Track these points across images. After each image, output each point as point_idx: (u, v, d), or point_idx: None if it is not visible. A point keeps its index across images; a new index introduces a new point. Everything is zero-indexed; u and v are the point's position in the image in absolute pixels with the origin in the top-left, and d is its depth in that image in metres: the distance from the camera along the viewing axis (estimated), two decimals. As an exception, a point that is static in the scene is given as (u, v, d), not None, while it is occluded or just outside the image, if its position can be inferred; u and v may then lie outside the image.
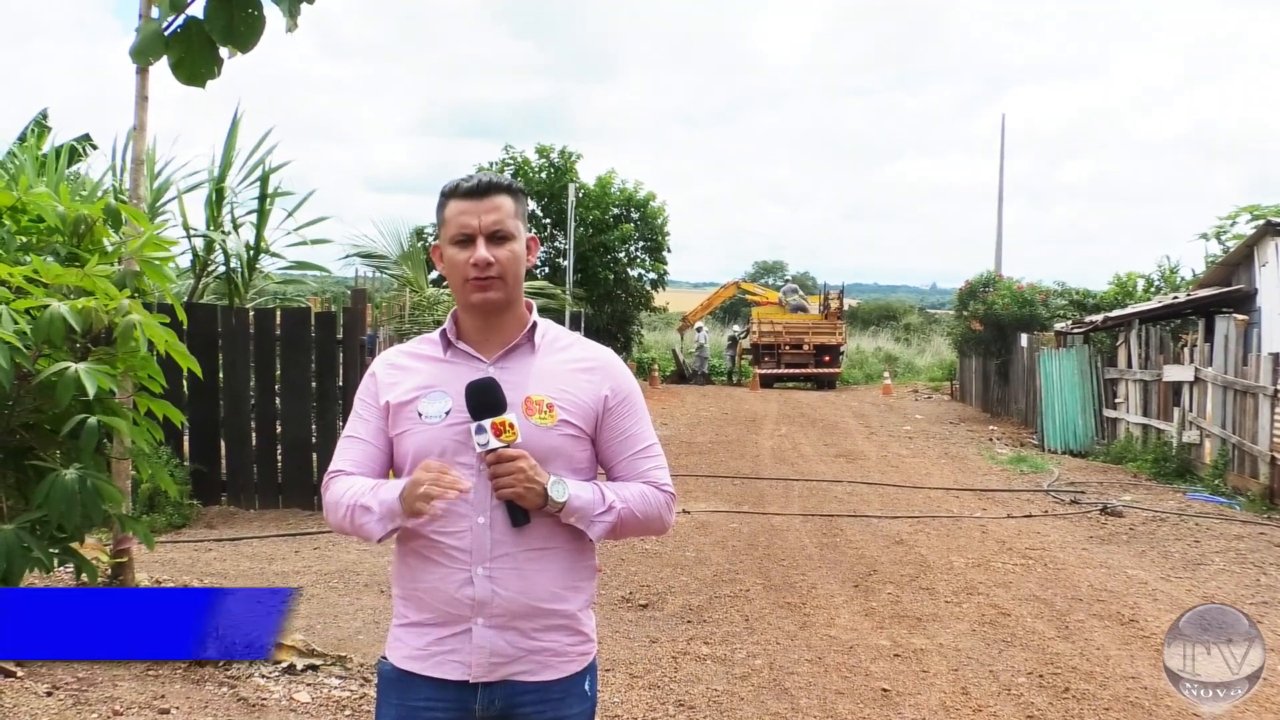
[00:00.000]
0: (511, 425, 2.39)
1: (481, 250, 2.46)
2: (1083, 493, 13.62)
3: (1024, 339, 22.26)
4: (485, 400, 2.41)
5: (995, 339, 24.50)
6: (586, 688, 2.58)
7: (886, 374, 35.90)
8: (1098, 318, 19.54)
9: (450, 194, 2.52)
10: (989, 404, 25.66)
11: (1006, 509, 12.38)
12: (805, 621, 7.48)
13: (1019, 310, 23.61)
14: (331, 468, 2.58)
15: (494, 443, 2.38)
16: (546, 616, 2.48)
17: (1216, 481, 13.86)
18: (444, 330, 2.59)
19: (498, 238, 2.48)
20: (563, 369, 2.55)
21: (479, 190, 2.49)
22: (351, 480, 2.52)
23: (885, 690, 6.10)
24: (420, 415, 2.49)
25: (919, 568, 9.17)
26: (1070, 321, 21.04)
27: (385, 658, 2.57)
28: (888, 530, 10.82)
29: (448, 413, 2.47)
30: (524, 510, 2.42)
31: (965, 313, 26.39)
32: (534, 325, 2.57)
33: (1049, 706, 5.91)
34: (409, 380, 2.55)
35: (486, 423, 2.38)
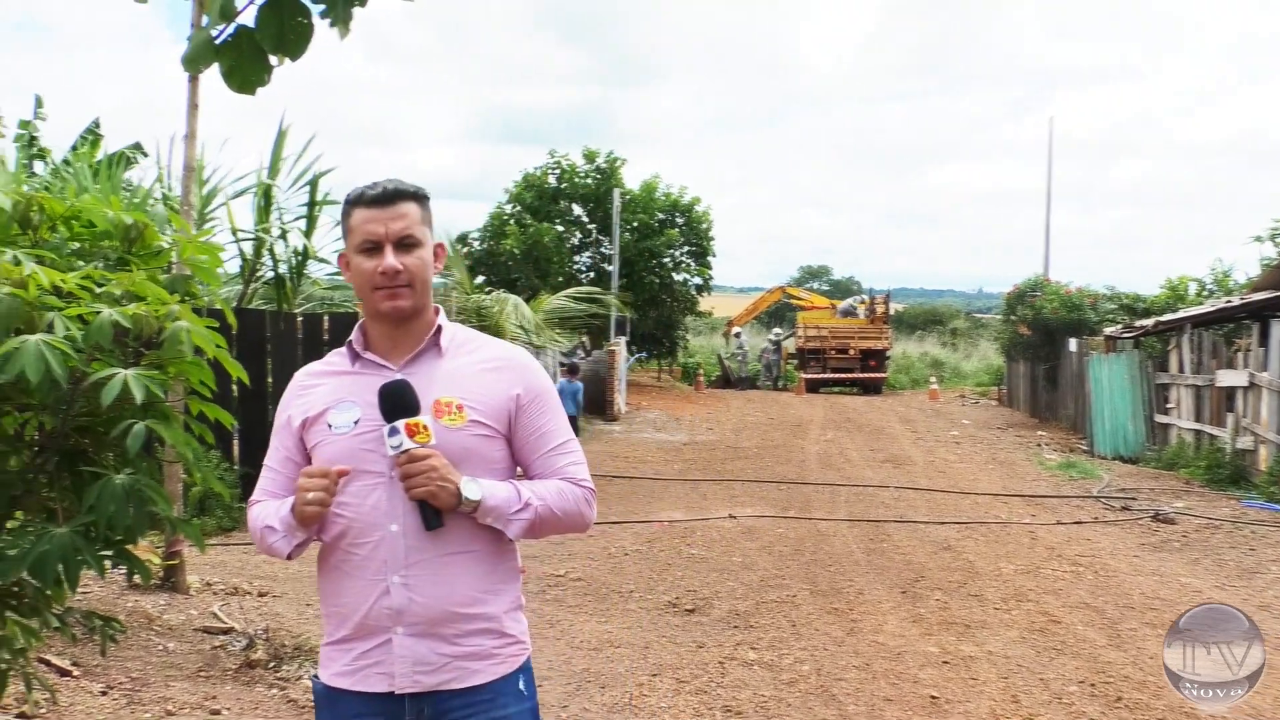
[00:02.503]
0: (425, 426, 2.35)
1: (390, 258, 2.42)
2: (1134, 499, 13.46)
3: (1073, 343, 22.04)
4: (398, 402, 2.37)
5: (1043, 343, 24.27)
6: (522, 687, 2.50)
7: (933, 379, 35.71)
8: (1149, 322, 19.31)
9: (355, 202, 2.48)
10: (1037, 409, 25.43)
11: (1056, 515, 12.26)
12: (852, 627, 7.43)
13: (1068, 314, 23.39)
14: (250, 499, 2.60)
15: (407, 444, 2.33)
16: (467, 621, 2.42)
17: (1273, 488, 13.64)
18: (350, 342, 2.56)
19: (405, 245, 2.45)
20: (471, 370, 2.52)
21: (385, 198, 2.45)
22: (261, 507, 2.53)
23: (934, 697, 6.05)
24: (330, 427, 2.47)
25: (967, 574, 9.10)
26: (1120, 326, 20.81)
27: (316, 676, 2.54)
28: (935, 536, 10.74)
29: (356, 422, 2.44)
30: (437, 513, 2.37)
31: (1013, 317, 26.17)
32: (439, 329, 2.54)
33: (1101, 716, 5.83)
34: (318, 396, 2.53)
35: (400, 424, 2.34)
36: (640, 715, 5.72)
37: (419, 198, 2.51)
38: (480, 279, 25.13)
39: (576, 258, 30.51)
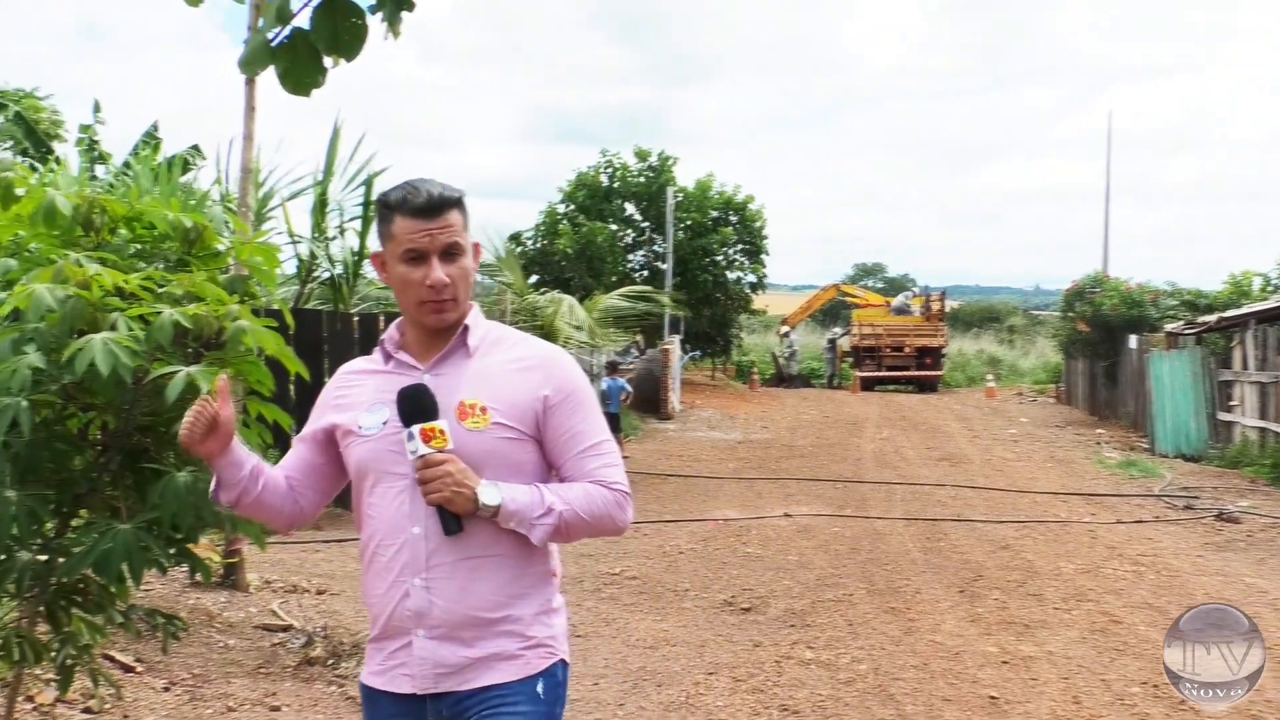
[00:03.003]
0: (441, 431, 2.33)
1: (438, 272, 2.39)
2: (1196, 498, 13.26)
3: (1133, 340, 21.75)
4: (415, 406, 2.36)
5: (1103, 340, 23.97)
6: (539, 690, 2.44)
7: (989, 376, 35.39)
8: (1211, 318, 19.02)
9: (398, 208, 2.42)
10: (1096, 407, 25.12)
11: (1116, 514, 12.10)
12: (910, 627, 7.38)
13: (1127, 311, 23.09)
14: None
15: (423, 449, 2.32)
16: (489, 625, 2.39)
17: (1339, 486, 13.40)
18: (383, 341, 2.55)
19: (450, 255, 2.42)
20: (500, 370, 2.47)
21: (431, 208, 2.39)
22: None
23: (993, 698, 5.99)
24: (360, 428, 2.46)
25: (1026, 573, 9.00)
26: (1182, 322, 20.51)
27: (361, 675, 2.56)
28: (993, 535, 10.64)
29: (384, 423, 2.42)
30: (456, 518, 2.34)
31: (1071, 314, 25.87)
32: (465, 329, 2.49)
33: (1165, 718, 5.74)
34: (354, 395, 2.52)
35: (415, 429, 2.33)
36: (697, 714, 5.71)
37: (461, 203, 2.46)
38: (533, 279, 25.19)
39: (630, 257, 30.50)
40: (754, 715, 5.71)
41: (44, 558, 3.39)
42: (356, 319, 11.42)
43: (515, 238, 27.48)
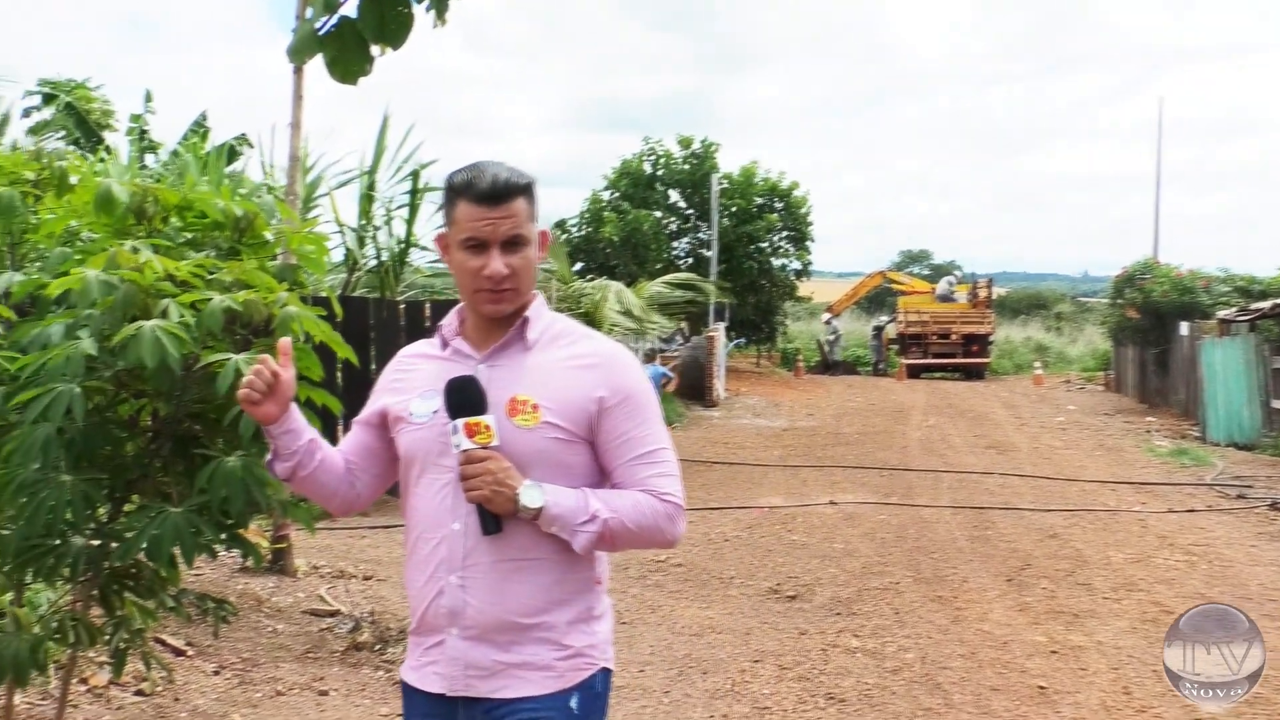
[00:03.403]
0: (487, 426, 2.26)
1: (497, 263, 2.31)
2: (1250, 487, 13.07)
3: (1184, 327, 21.47)
4: (462, 399, 2.29)
5: (1153, 327, 23.68)
6: (574, 705, 2.34)
7: (1037, 364, 35.09)
8: (1266, 304, 18.72)
9: (462, 193, 2.33)
10: (1146, 394, 24.83)
11: (1167, 503, 11.96)
12: (957, 615, 7.33)
13: (1179, 298, 22.78)
14: None
15: (466, 444, 2.25)
16: (524, 631, 2.31)
17: (1395, 476, 13.18)
18: (441, 327, 2.49)
19: (512, 244, 2.33)
20: (558, 366, 2.37)
21: (495, 195, 2.30)
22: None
23: (1042, 688, 5.94)
24: (410, 415, 2.40)
25: (1075, 562, 8.92)
26: (1235, 309, 20.22)
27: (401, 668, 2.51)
28: (1041, 523, 10.55)
29: (435, 412, 2.35)
30: (495, 517, 2.26)
31: (1121, 301, 25.55)
32: (525, 321, 2.41)
33: (1220, 710, 5.67)
34: (410, 379, 2.47)
35: (460, 422, 2.26)
36: (743, 701, 5.71)
37: (528, 190, 2.36)
38: (578, 266, 25.23)
39: (674, 244, 30.46)
40: (800, 703, 5.70)
41: (97, 542, 3.43)
42: (403, 307, 11.48)
43: (560, 225, 27.53)
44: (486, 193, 2.30)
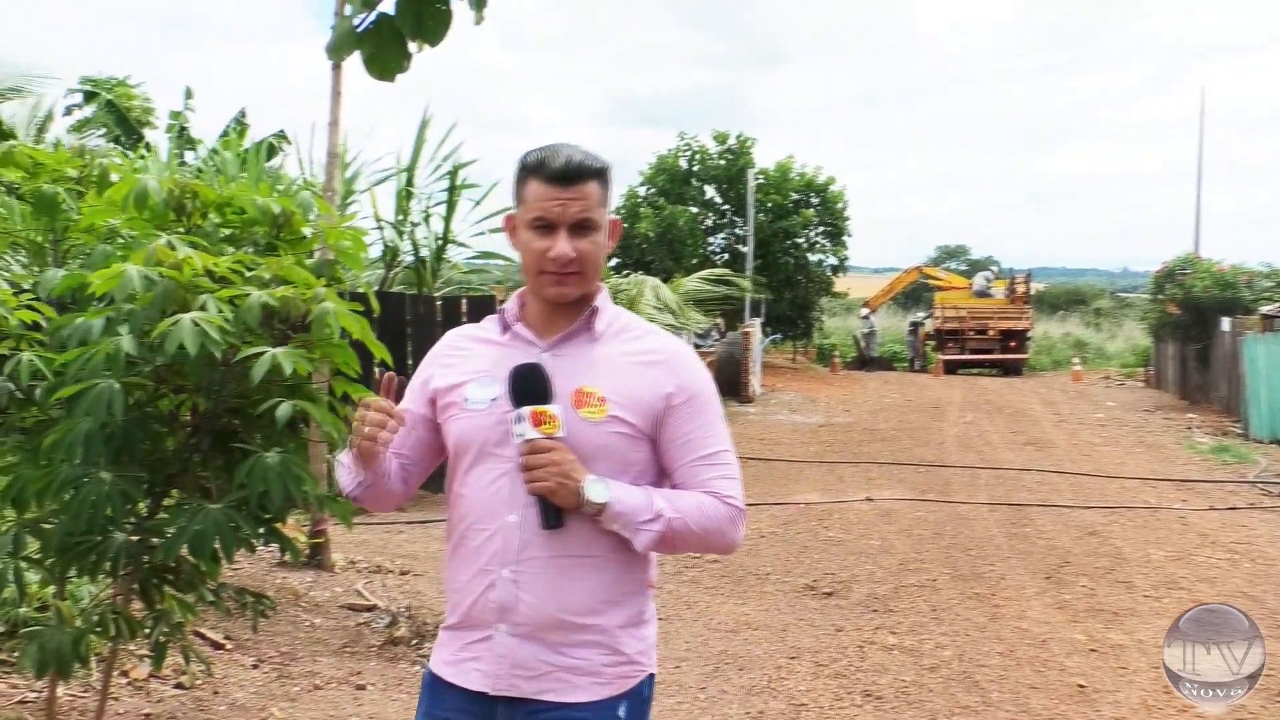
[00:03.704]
0: (553, 416, 2.19)
1: (563, 245, 2.23)
2: (1292, 484, 12.93)
3: (1226, 323, 21.23)
4: (527, 387, 2.21)
5: (1194, 323, 23.42)
6: (622, 714, 2.29)
7: (1076, 360, 34.79)
8: (1308, 300, 18.50)
9: (535, 171, 2.26)
10: (1187, 391, 24.58)
11: (1209, 500, 11.83)
12: (995, 613, 7.29)
13: (1220, 293, 22.53)
14: None
15: (531, 433, 2.17)
16: (577, 631, 2.23)
17: None
18: (503, 311, 2.39)
19: (581, 228, 2.25)
20: (624, 361, 2.31)
21: (567, 176, 2.23)
22: None
23: (1081, 686, 5.90)
24: (465, 400, 2.30)
25: (1114, 560, 8.85)
26: (1278, 304, 19.98)
27: (429, 661, 2.42)
28: (1080, 521, 10.46)
29: (494, 399, 2.27)
30: (557, 512, 2.19)
31: (1161, 296, 25.30)
32: (593, 311, 2.34)
33: (1262, 710, 5.61)
34: (464, 364, 2.37)
35: (525, 411, 2.18)
36: (779, 698, 5.69)
37: (602, 174, 2.29)
38: (614, 261, 25.22)
39: (710, 240, 30.41)
40: (836, 700, 5.68)
41: (137, 537, 3.46)
42: (439, 303, 11.52)
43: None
44: (559, 173, 2.23)
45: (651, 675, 2.40)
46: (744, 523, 2.35)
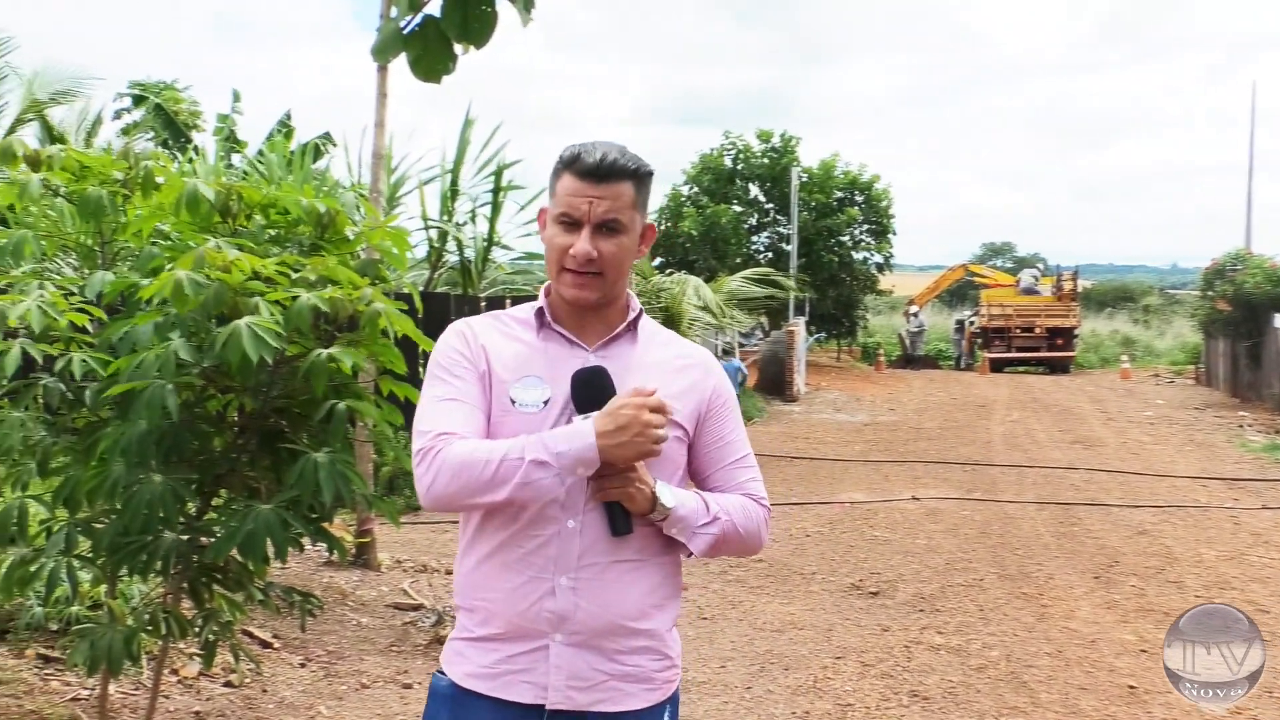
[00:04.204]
0: None
1: (584, 242, 2.16)
2: (1347, 483, 12.73)
3: (1278, 319, 20.95)
4: (595, 392, 2.13)
5: (1245, 320, 23.12)
6: (667, 718, 2.28)
7: (1124, 357, 34.43)
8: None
9: (569, 164, 2.19)
10: (1238, 388, 24.27)
11: (1261, 499, 11.67)
12: (1043, 613, 7.22)
13: (1272, 289, 22.21)
14: (436, 429, 2.15)
15: None
16: (632, 636, 2.19)
17: None
18: (539, 309, 2.29)
19: (607, 228, 2.18)
20: (666, 365, 2.28)
21: (599, 172, 2.16)
22: (484, 442, 2.14)
23: (1132, 687, 5.83)
24: (514, 403, 2.19)
25: (1165, 559, 8.74)
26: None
27: (443, 673, 2.27)
28: (1129, 520, 10.35)
29: (546, 402, 2.18)
30: (627, 517, 2.14)
31: (1211, 293, 25.00)
32: (640, 314, 2.31)
33: (1315, 710, 5.53)
34: (508, 356, 2.25)
35: (595, 416, 2.10)
36: (825, 698, 5.67)
37: (639, 176, 2.22)
38: (657, 261, 25.23)
39: (754, 238, 30.37)
40: (883, 701, 5.64)
41: (187, 537, 3.49)
42: (484, 303, 11.57)
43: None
44: (591, 169, 2.17)
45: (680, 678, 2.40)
46: (769, 524, 2.38)
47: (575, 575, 2.16)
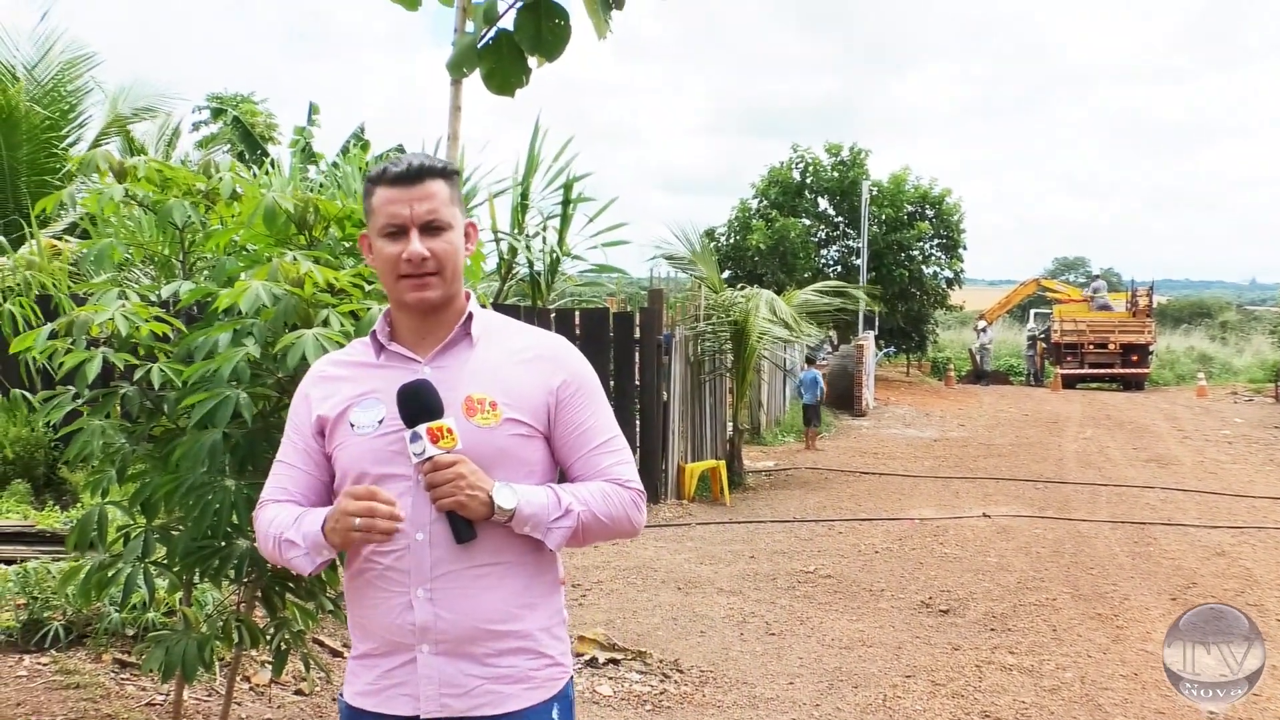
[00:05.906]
0: (450, 430, 2.14)
1: (415, 244, 2.20)
2: None
3: (1361, 337, 20.48)
4: (419, 405, 2.15)
5: (1327, 337, 22.66)
6: (555, 716, 2.27)
7: (1201, 375, 33.82)
8: None
9: (378, 180, 2.26)
10: (1319, 407, 23.77)
11: (1344, 521, 11.39)
12: (1118, 635, 7.09)
13: (1355, 306, 21.75)
14: (261, 497, 2.36)
15: (431, 450, 2.12)
16: (500, 639, 2.20)
17: None
18: (374, 332, 2.34)
19: (432, 229, 2.23)
20: (506, 361, 2.29)
21: (410, 176, 2.23)
22: (276, 510, 2.30)
23: (1212, 713, 5.70)
24: (352, 426, 2.24)
25: (1245, 582, 8.55)
26: None
27: (341, 694, 2.34)
28: (1207, 541, 10.14)
29: (381, 421, 2.22)
30: (468, 523, 2.15)
31: (1292, 309, 24.51)
32: (469, 316, 2.31)
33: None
34: (342, 390, 2.30)
35: (421, 429, 2.13)
36: (895, 717, 5.60)
37: (447, 174, 2.29)
38: (726, 274, 25.20)
39: (823, 252, 30.26)
40: (954, 721, 5.57)
41: (260, 545, 3.52)
42: (554, 314, 11.61)
43: (709, 233, 27.52)
44: (401, 174, 2.24)
45: (572, 676, 2.38)
46: (644, 504, 2.36)
47: (431, 586, 2.19)
